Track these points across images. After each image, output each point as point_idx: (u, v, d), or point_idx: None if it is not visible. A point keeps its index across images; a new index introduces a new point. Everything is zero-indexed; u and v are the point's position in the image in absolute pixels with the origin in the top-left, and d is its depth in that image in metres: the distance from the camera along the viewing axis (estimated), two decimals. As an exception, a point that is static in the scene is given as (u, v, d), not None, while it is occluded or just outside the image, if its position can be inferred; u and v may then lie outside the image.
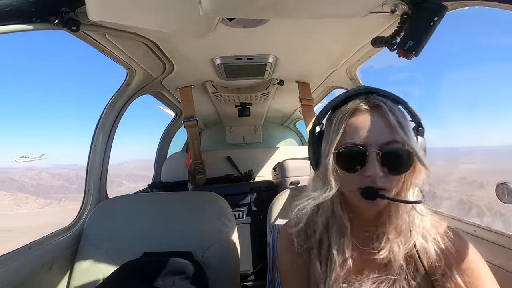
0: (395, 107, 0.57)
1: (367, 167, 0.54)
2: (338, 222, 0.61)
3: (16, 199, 34.63)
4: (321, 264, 0.61)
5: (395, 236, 0.58)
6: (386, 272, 0.59)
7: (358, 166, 0.55)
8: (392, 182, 0.55)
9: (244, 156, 2.71)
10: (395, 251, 0.57)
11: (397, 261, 0.57)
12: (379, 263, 0.59)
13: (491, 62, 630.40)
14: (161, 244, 1.10)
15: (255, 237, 1.94)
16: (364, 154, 0.54)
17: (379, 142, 0.54)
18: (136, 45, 1.10)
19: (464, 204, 22.91)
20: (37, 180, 62.31)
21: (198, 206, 1.19)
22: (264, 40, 1.12)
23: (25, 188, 56.61)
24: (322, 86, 1.84)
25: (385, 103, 0.57)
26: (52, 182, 60.79)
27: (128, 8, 0.74)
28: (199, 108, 2.14)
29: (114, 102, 1.38)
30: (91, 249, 1.13)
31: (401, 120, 0.55)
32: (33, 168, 69.36)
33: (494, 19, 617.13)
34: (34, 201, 34.07)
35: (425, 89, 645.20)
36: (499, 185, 0.85)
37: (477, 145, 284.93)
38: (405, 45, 0.84)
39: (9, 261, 0.89)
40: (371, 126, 0.55)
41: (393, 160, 0.54)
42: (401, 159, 0.54)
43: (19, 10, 0.69)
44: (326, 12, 0.75)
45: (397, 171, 0.55)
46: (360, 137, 0.55)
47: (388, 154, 0.54)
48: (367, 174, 0.54)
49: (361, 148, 0.55)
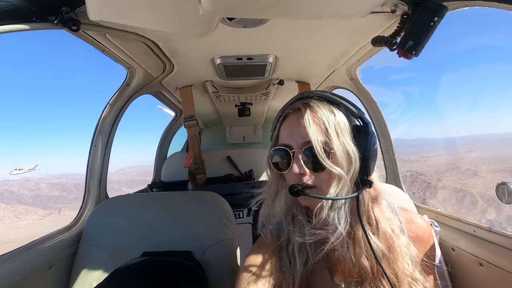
0: (322, 109, 0.59)
1: (292, 166, 0.58)
2: (298, 221, 0.64)
3: (16, 211, 34.73)
4: (290, 262, 0.63)
5: (353, 237, 0.59)
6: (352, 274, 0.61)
7: (285, 166, 0.60)
8: (318, 180, 0.58)
9: (244, 156, 2.71)
10: (358, 255, 0.59)
11: (361, 264, 0.59)
12: (345, 266, 0.62)
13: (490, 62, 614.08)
14: (161, 244, 1.10)
15: (255, 237, 1.94)
16: (287, 154, 0.59)
17: (300, 142, 0.58)
18: (136, 44, 1.10)
19: (459, 192, 23.65)
20: (35, 191, 62.39)
21: (198, 206, 1.19)
22: (264, 40, 1.12)
23: (24, 200, 56.77)
24: (322, 86, 1.84)
25: (308, 105, 0.59)
26: (50, 193, 60.91)
27: (128, 8, 0.74)
28: (199, 108, 2.14)
29: (114, 102, 1.38)
30: (91, 249, 1.13)
31: (317, 121, 0.57)
32: (30, 180, 69.40)
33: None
34: (34, 212, 34.13)
35: (425, 89, 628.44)
36: (499, 185, 0.85)
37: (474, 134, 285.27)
38: (405, 45, 0.84)
39: (9, 261, 0.89)
40: (294, 128, 0.60)
41: (310, 159, 0.57)
42: (315, 158, 0.56)
43: (19, 10, 0.69)
44: (326, 12, 0.74)
45: (315, 170, 0.58)
46: (287, 139, 0.61)
47: (304, 153, 0.58)
48: (292, 172, 0.58)
49: (285, 149, 0.60)
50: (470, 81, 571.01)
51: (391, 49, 0.92)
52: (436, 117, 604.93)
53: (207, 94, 1.90)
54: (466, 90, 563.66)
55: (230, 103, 2.15)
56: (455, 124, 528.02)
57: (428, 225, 0.70)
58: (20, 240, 18.46)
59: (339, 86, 1.77)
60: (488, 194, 28.85)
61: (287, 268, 0.63)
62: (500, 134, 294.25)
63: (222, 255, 1.10)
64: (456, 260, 0.95)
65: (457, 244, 0.98)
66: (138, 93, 1.48)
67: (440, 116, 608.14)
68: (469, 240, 0.94)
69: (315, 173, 0.58)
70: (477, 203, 26.52)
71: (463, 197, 28.06)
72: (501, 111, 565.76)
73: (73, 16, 0.78)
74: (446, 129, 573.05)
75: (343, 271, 0.63)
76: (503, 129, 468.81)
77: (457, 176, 21.61)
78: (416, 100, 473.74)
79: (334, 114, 0.58)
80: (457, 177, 31.34)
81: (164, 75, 1.46)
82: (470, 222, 0.97)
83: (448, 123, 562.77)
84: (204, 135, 3.24)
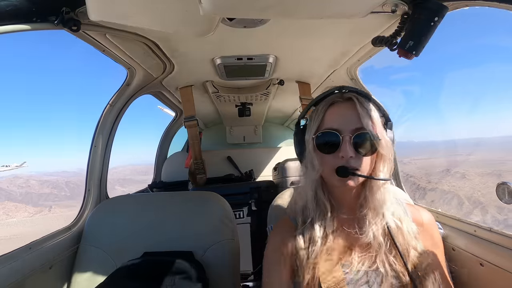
0: (365, 101, 0.68)
1: (340, 149, 0.65)
2: (320, 204, 0.71)
3: (5, 208, 34.71)
4: (304, 242, 0.69)
5: (373, 217, 0.68)
6: (368, 250, 0.68)
7: (334, 148, 0.65)
8: (363, 163, 0.65)
9: (244, 156, 2.71)
10: (375, 232, 0.67)
11: (377, 240, 0.67)
12: (362, 243, 0.68)
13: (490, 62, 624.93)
14: (161, 244, 1.10)
15: (255, 237, 1.94)
16: (338, 138, 0.65)
17: (351, 128, 0.65)
18: (137, 45, 1.10)
19: (447, 194, 24.16)
20: (25, 188, 62.21)
21: (199, 206, 1.19)
22: (264, 40, 1.12)
23: (13, 197, 56.60)
24: (322, 86, 1.83)
25: (357, 97, 0.68)
26: (40, 190, 60.78)
27: (128, 8, 0.74)
28: (200, 108, 2.14)
29: (114, 102, 1.38)
30: (91, 249, 1.13)
31: (369, 112, 0.66)
32: (20, 177, 69.34)
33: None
34: (24, 210, 34.13)
35: (424, 89, 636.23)
36: (499, 185, 0.85)
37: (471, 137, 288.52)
38: (406, 45, 0.84)
39: (9, 261, 0.89)
40: (345, 115, 0.67)
41: (361, 144, 0.65)
42: (368, 143, 0.65)
43: (19, 10, 0.69)
44: (327, 12, 0.74)
45: (365, 153, 0.65)
46: (336, 124, 0.66)
47: (358, 138, 0.64)
48: (340, 154, 0.64)
49: (336, 132, 0.65)
50: (460, 84, 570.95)
51: (391, 49, 0.92)
52: (426, 120, 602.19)
53: (207, 94, 1.90)
54: (453, 93, 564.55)
55: (230, 103, 2.15)
56: (445, 128, 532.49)
57: (430, 214, 0.77)
58: (9, 237, 18.57)
59: (340, 86, 1.77)
60: (474, 197, 29.30)
61: (306, 248, 0.69)
62: (490, 138, 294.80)
63: (222, 255, 1.10)
64: (456, 260, 0.95)
65: (457, 244, 0.98)
66: (138, 93, 1.48)
67: (429, 119, 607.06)
68: (469, 240, 0.93)
69: (363, 157, 0.65)
70: (464, 204, 26.94)
71: (451, 198, 28.40)
72: (488, 117, 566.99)
73: (73, 16, 0.78)
74: (434, 132, 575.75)
75: (361, 246, 0.69)
76: (492, 133, 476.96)
77: (446, 178, 22.04)
78: (412, 102, 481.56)
79: (375, 109, 0.68)
80: (446, 180, 31.67)
81: (164, 75, 1.46)
82: (470, 222, 0.96)
83: (437, 126, 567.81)
84: (205, 135, 3.24)
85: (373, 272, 0.66)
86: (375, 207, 0.67)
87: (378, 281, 0.65)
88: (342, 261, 0.68)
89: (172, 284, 0.94)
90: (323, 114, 0.68)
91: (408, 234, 0.68)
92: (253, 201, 1.98)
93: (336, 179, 0.66)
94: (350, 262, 0.67)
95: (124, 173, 79.77)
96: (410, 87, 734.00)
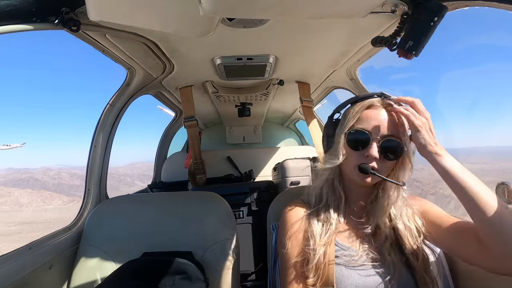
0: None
1: (367, 149, 0.70)
2: (336, 193, 0.78)
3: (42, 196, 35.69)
4: (318, 221, 0.76)
5: (380, 214, 0.74)
6: (373, 241, 0.74)
7: (361, 147, 0.71)
8: (384, 166, 0.71)
9: (244, 156, 2.71)
10: (380, 227, 0.74)
11: (381, 235, 0.73)
12: (368, 234, 0.75)
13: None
14: (161, 244, 1.10)
15: (255, 237, 1.94)
16: (368, 138, 0.71)
17: (382, 133, 0.71)
18: (136, 45, 1.10)
19: (446, 198, 24.54)
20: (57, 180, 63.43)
21: (198, 206, 1.19)
22: (264, 40, 1.12)
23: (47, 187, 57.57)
24: (322, 86, 1.83)
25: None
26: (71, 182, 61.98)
27: (128, 8, 0.74)
28: (199, 108, 2.14)
29: (114, 102, 1.38)
30: (91, 249, 1.13)
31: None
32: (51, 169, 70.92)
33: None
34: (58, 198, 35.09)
35: (424, 88, 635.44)
36: (499, 185, 0.85)
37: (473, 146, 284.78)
38: (405, 45, 0.84)
39: (10, 261, 0.89)
40: (379, 120, 0.71)
41: (388, 149, 0.70)
42: (393, 150, 0.70)
43: (19, 10, 0.69)
44: (326, 12, 0.75)
45: (389, 158, 0.71)
46: (369, 126, 0.72)
47: (386, 143, 0.70)
48: (366, 154, 0.70)
49: (367, 133, 0.71)
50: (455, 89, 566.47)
51: (391, 49, 0.92)
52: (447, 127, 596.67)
53: (207, 94, 1.90)
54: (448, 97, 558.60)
55: (230, 103, 2.15)
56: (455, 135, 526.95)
57: (431, 203, 0.81)
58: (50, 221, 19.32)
59: (339, 86, 1.77)
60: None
61: (322, 226, 0.75)
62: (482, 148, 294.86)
63: (222, 255, 1.10)
64: (457, 260, 0.95)
65: None
66: (138, 94, 1.48)
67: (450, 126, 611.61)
68: None
69: (386, 161, 0.71)
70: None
71: (449, 202, 28.59)
72: (481, 126, 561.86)
73: (73, 16, 0.78)
74: (453, 139, 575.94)
75: (366, 237, 0.75)
76: (484, 143, 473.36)
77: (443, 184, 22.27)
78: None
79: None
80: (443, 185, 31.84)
81: (164, 75, 1.46)
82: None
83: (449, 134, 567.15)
84: (204, 135, 3.24)
85: (377, 264, 0.72)
86: (382, 205, 0.74)
87: (384, 272, 0.70)
88: (349, 248, 0.74)
89: (172, 284, 0.94)
90: (360, 113, 0.74)
91: (414, 232, 0.73)
92: (253, 201, 1.98)
93: (356, 174, 0.72)
94: (356, 252, 0.73)
95: (142, 169, 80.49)
96: (410, 87, 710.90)
